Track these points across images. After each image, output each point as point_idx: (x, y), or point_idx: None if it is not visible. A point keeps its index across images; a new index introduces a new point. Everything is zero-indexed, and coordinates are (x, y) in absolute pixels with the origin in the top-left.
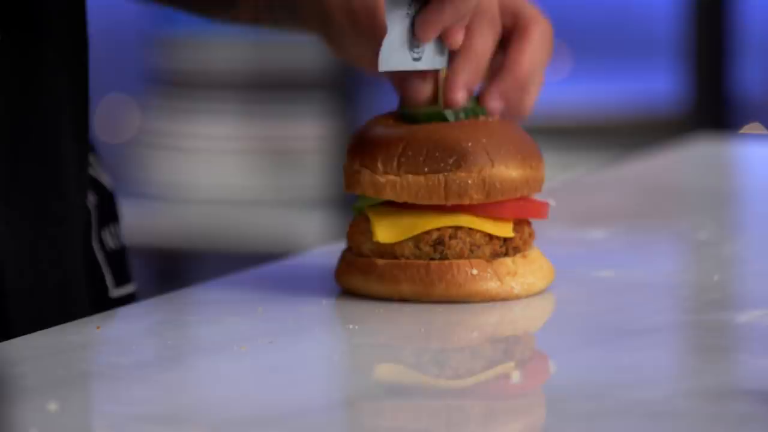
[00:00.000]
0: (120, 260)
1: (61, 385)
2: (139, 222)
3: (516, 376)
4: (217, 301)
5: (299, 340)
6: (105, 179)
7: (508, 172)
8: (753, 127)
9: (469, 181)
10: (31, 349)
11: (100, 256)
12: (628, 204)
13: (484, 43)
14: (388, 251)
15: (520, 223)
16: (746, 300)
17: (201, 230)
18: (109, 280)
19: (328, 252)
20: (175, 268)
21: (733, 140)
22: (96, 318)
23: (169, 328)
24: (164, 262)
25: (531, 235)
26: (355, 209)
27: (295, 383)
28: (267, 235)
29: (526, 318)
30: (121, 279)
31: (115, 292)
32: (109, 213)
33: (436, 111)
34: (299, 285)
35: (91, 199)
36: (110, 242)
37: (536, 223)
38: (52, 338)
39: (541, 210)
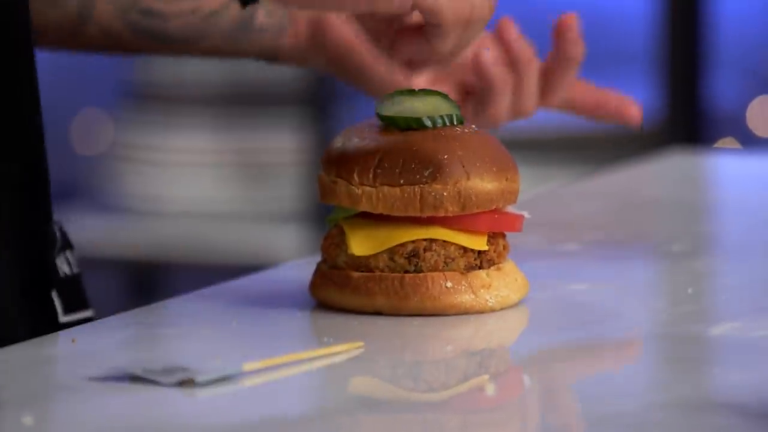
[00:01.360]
0: (74, 287)
1: (36, 398)
2: (114, 235)
3: (491, 389)
4: (192, 314)
5: (274, 353)
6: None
7: (484, 184)
8: (727, 141)
9: (445, 194)
10: (6, 362)
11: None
12: (603, 217)
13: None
14: (362, 263)
15: (494, 236)
16: (720, 313)
17: (176, 243)
18: (58, 305)
19: (303, 265)
20: (150, 281)
21: (707, 154)
22: (72, 331)
23: (144, 341)
24: (139, 275)
25: (505, 247)
26: (329, 221)
27: (270, 396)
28: (242, 249)
29: (501, 331)
30: (74, 305)
31: (65, 318)
32: (63, 241)
33: (414, 117)
34: (274, 298)
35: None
36: (65, 268)
37: (511, 236)
38: (27, 351)
39: (515, 223)
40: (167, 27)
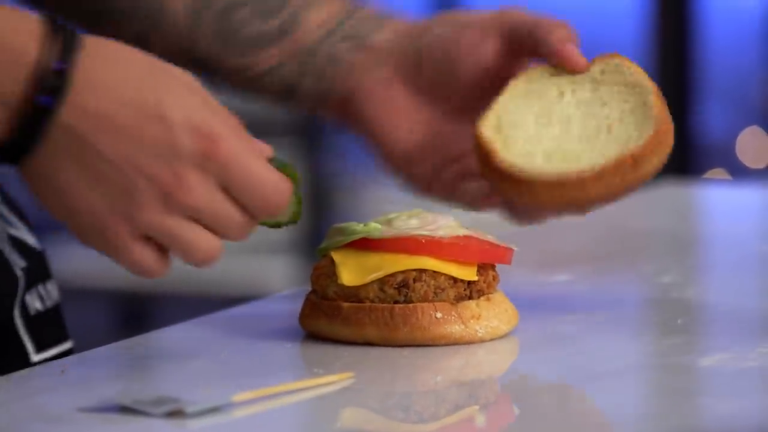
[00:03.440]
0: (47, 322)
1: (25, 430)
2: (104, 266)
3: (481, 420)
4: (182, 344)
5: (263, 384)
6: (32, 241)
7: None
8: (716, 172)
9: None
10: None
11: (19, 323)
12: (593, 247)
13: None
14: (352, 294)
15: (484, 267)
16: (709, 343)
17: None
18: (29, 346)
19: (293, 295)
20: (140, 312)
21: (697, 185)
22: (61, 362)
23: (134, 371)
24: (129, 305)
25: (495, 278)
26: (320, 252)
27: (260, 427)
28: (232, 279)
29: (491, 361)
30: (49, 341)
31: (37, 357)
32: (37, 274)
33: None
34: (264, 328)
35: (20, 263)
36: (37, 305)
37: (500, 267)
38: (16, 382)
39: (505, 255)
40: (219, 81)
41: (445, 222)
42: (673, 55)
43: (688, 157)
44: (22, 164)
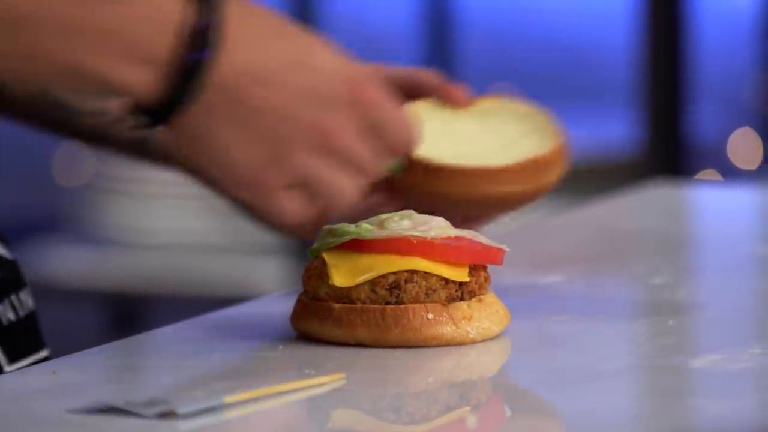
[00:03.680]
0: (20, 332)
1: (16, 431)
2: (96, 266)
3: (472, 421)
4: (173, 346)
5: (255, 385)
6: (2, 251)
7: None
8: (708, 174)
9: None
10: None
11: None
12: (584, 249)
13: None
14: (344, 295)
15: (475, 268)
16: (701, 345)
17: (158, 275)
18: (1, 357)
19: (285, 296)
20: (132, 313)
21: (689, 186)
22: (52, 363)
23: (126, 372)
24: (121, 306)
25: (486, 279)
26: (311, 253)
27: (252, 428)
28: (224, 280)
29: (482, 362)
30: (23, 351)
31: (9, 368)
32: (9, 284)
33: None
34: (256, 330)
35: None
36: (9, 315)
37: (492, 268)
38: (8, 383)
39: (496, 256)
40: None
41: (436, 223)
42: (664, 56)
43: (679, 158)
44: (174, 124)
